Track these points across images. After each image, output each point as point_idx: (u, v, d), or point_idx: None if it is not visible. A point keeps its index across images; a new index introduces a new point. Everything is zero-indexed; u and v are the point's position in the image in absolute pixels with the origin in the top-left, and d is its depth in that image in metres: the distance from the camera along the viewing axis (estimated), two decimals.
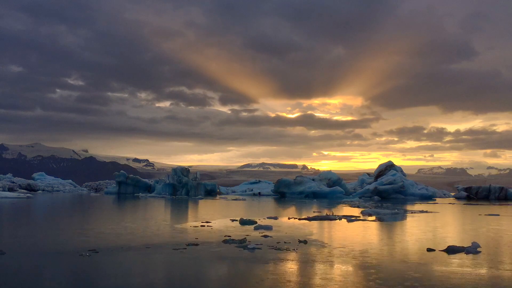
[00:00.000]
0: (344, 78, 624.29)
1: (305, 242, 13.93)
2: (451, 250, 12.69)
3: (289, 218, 24.06)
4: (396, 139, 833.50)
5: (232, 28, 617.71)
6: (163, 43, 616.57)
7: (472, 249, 12.67)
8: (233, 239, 14.17)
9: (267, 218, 23.84)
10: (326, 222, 21.82)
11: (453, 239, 15.73)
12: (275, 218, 23.99)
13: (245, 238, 14.30)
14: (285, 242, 13.96)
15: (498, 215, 29.83)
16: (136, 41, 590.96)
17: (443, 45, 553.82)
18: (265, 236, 15.51)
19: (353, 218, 23.59)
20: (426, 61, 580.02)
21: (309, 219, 23.17)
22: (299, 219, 23.61)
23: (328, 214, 25.40)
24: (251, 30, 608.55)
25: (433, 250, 12.79)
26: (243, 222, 21.07)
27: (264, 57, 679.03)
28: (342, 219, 23.19)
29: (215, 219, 23.42)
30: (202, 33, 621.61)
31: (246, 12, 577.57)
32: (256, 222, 20.62)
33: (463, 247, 12.85)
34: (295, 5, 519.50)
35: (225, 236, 15.36)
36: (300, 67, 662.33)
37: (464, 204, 49.91)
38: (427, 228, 20.28)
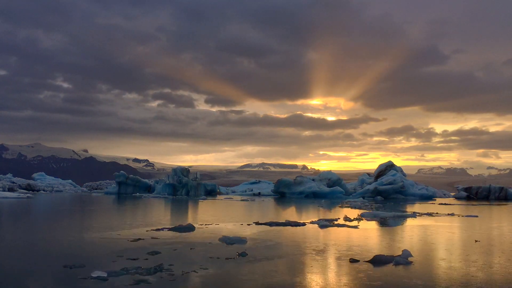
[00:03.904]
0: (321, 81, 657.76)
1: (243, 255, 11.90)
2: (378, 260, 11.20)
3: (279, 224, 23.34)
4: (386, 139, 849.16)
5: (202, 33, 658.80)
6: (137, 47, 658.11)
7: (402, 259, 11.23)
8: (139, 267, 9.89)
9: (258, 224, 22.24)
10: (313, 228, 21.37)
11: (395, 246, 14.16)
12: (268, 224, 20.79)
13: (161, 264, 10.18)
14: (226, 259, 11.38)
15: (476, 216, 28.42)
16: (112, 45, 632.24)
17: (410, 49, 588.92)
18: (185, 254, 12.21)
19: (330, 223, 20.92)
20: (397, 65, 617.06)
21: (287, 224, 20.49)
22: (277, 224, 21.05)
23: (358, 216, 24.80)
24: (221, 34, 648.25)
25: (357, 261, 11.29)
26: (179, 229, 17.49)
27: (241, 60, 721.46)
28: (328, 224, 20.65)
29: (195, 222, 20.90)
30: (174, 37, 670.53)
31: (213, 17, 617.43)
32: (194, 228, 17.81)
33: (392, 256, 11.48)
34: (260, 10, 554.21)
35: (150, 251, 11.91)
36: (278, 70, 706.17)
37: (462, 204, 49.92)
38: (392, 232, 19.04)
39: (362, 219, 24.34)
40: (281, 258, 11.79)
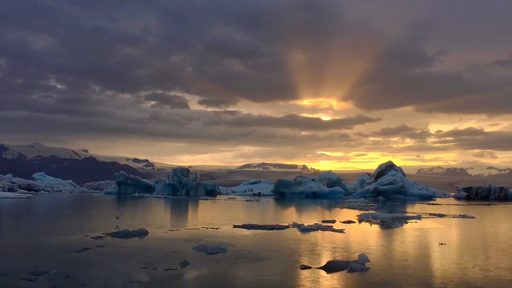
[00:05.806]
0: (310, 82, 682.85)
1: (185, 264, 10.46)
2: (331, 266, 10.29)
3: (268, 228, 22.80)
4: (382, 139, 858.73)
5: (189, 35, 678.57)
6: (125, 49, 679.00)
7: (358, 265, 10.29)
8: None
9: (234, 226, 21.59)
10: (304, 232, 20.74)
11: (360, 250, 13.18)
12: (245, 226, 19.44)
13: (55, 286, 8.17)
14: (164, 270, 9.81)
15: (473, 217, 27.76)
16: (100, 47, 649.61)
17: (393, 52, 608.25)
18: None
19: (312, 227, 19.40)
20: (382, 66, 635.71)
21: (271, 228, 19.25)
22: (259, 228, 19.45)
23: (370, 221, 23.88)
24: (207, 37, 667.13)
25: (308, 267, 10.38)
26: (126, 235, 15.43)
27: (229, 62, 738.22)
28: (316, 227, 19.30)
29: (170, 225, 19.83)
30: (160, 39, 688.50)
31: (196, 19, 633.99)
32: (146, 233, 15.93)
33: (347, 262, 10.58)
34: (242, 13, 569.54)
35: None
36: (266, 71, 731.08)
37: (461, 204, 49.93)
38: (377, 236, 17.86)
39: (358, 221, 23.82)
40: (228, 267, 10.56)
